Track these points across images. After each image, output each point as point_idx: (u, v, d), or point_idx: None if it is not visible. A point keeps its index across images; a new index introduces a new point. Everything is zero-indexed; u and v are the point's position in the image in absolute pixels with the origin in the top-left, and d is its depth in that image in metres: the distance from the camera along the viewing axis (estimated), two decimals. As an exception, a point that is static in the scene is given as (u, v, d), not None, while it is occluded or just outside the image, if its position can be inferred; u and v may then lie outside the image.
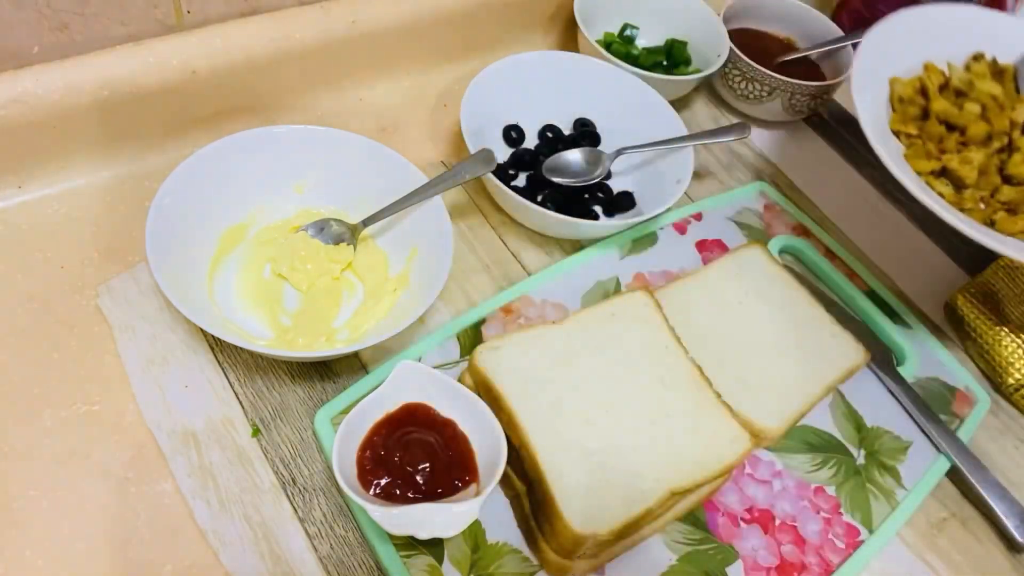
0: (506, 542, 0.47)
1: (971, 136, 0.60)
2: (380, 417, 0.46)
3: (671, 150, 0.66)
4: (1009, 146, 0.60)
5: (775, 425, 0.53)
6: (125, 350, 0.52)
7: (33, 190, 0.57)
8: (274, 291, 0.55)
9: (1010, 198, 0.58)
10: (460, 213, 0.64)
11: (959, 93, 0.64)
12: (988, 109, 0.61)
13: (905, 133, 0.62)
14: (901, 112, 0.63)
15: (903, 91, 0.63)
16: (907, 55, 0.65)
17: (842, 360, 0.58)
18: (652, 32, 0.82)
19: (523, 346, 0.51)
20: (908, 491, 0.54)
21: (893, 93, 0.63)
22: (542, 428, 0.48)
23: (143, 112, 0.59)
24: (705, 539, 0.50)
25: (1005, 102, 0.62)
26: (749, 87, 0.77)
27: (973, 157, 0.59)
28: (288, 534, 0.47)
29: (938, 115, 0.62)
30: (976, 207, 0.58)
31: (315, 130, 0.58)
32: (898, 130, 0.62)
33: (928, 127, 0.61)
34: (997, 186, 0.59)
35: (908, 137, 0.61)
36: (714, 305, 0.59)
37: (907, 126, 0.62)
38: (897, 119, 0.62)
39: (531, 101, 0.69)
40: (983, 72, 0.65)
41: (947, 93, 0.64)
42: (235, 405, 0.51)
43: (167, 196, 0.51)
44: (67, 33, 0.55)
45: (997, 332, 0.63)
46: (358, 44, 0.67)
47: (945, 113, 0.62)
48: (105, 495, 0.46)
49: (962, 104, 0.62)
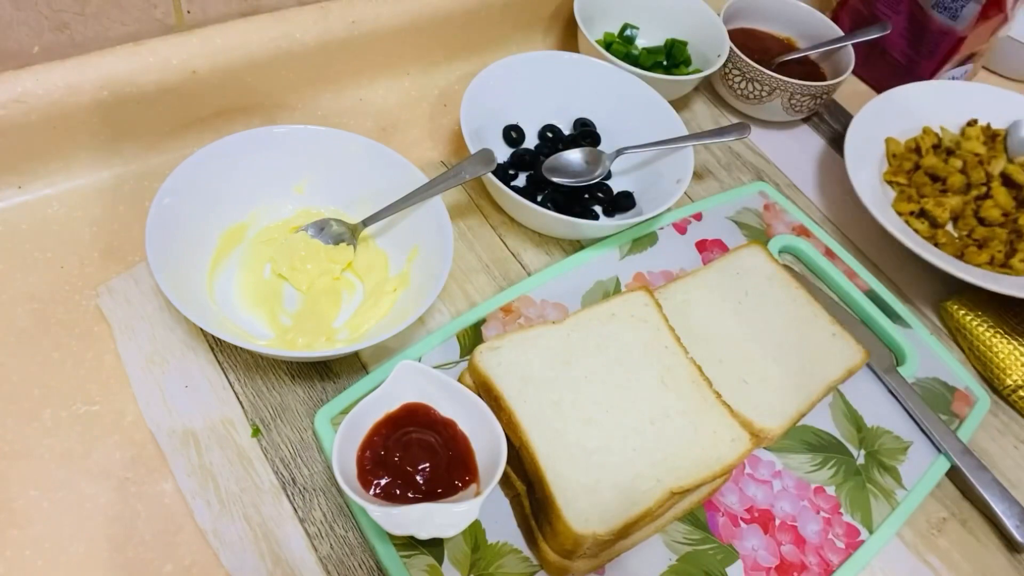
0: (506, 542, 0.47)
1: (950, 185, 0.72)
2: (380, 417, 0.46)
3: (671, 150, 0.66)
4: (987, 194, 0.72)
5: (775, 425, 0.53)
6: (125, 350, 0.52)
7: (33, 190, 0.57)
8: (274, 291, 0.55)
9: (982, 235, 0.69)
10: (460, 213, 0.64)
11: (949, 152, 0.75)
12: (968, 164, 0.73)
13: (896, 182, 0.74)
14: (895, 166, 0.75)
15: (897, 149, 0.75)
16: (901, 120, 0.77)
17: (842, 360, 0.58)
18: (652, 32, 0.82)
19: (523, 346, 0.51)
20: (908, 491, 0.54)
21: (888, 150, 0.75)
22: (542, 428, 0.48)
23: (143, 112, 0.59)
24: (705, 539, 0.50)
25: (986, 158, 0.74)
26: (749, 87, 0.77)
27: (947, 202, 0.70)
28: (288, 534, 0.47)
29: (926, 169, 0.73)
30: (951, 241, 0.69)
31: (315, 130, 0.58)
32: (890, 180, 0.74)
33: (916, 178, 0.73)
34: (973, 227, 0.70)
35: (899, 186, 0.73)
36: (714, 305, 0.59)
37: (898, 177, 0.74)
38: (890, 171, 0.74)
39: (531, 101, 0.69)
40: (976, 134, 0.76)
41: (939, 152, 0.75)
42: (235, 405, 0.51)
43: (167, 196, 0.51)
44: (67, 33, 0.55)
45: (992, 336, 0.64)
46: (358, 44, 0.67)
47: (933, 167, 0.73)
48: (105, 495, 0.46)
49: (946, 159, 0.74)
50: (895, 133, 0.76)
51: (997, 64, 0.97)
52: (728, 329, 0.58)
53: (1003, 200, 0.70)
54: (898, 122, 0.77)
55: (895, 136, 0.76)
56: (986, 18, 0.80)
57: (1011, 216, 0.70)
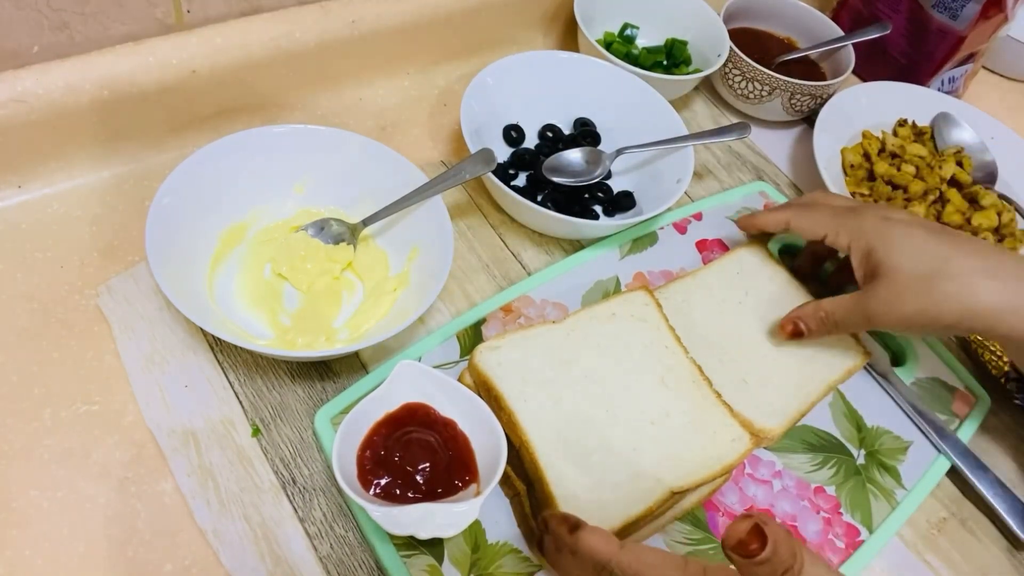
0: (506, 542, 0.47)
1: (912, 193, 0.72)
2: (380, 417, 0.46)
3: (671, 150, 0.66)
4: (940, 198, 0.72)
5: (775, 425, 0.53)
6: (125, 350, 0.52)
7: (33, 189, 0.57)
8: (274, 291, 0.55)
9: None
10: (460, 213, 0.64)
11: (894, 155, 0.75)
12: (920, 169, 0.73)
13: (859, 193, 0.73)
14: (853, 176, 0.74)
15: (852, 158, 0.75)
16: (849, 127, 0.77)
17: (842, 360, 0.58)
18: (652, 32, 0.82)
19: (523, 346, 0.51)
20: (908, 491, 0.54)
21: (844, 160, 0.75)
22: (542, 428, 0.48)
23: (143, 112, 0.59)
24: (705, 539, 0.50)
25: (932, 162, 0.74)
26: (749, 87, 0.77)
27: (915, 210, 0.70)
28: (288, 534, 0.47)
29: (882, 176, 0.73)
30: None
31: (315, 130, 0.57)
32: (854, 191, 0.73)
33: (877, 187, 0.73)
34: None
35: (863, 197, 0.73)
36: (714, 305, 0.59)
37: (860, 187, 0.73)
38: (851, 182, 0.74)
39: (531, 101, 0.69)
40: (907, 135, 0.77)
41: (884, 156, 0.75)
42: (235, 405, 0.51)
43: (167, 196, 0.51)
44: (67, 33, 0.55)
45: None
46: (358, 44, 0.67)
47: (888, 174, 0.73)
48: (105, 495, 0.46)
49: (899, 165, 0.74)
50: (845, 141, 0.77)
51: (997, 64, 0.97)
52: (728, 329, 0.58)
53: (958, 202, 0.72)
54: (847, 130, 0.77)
55: (846, 144, 0.76)
56: (986, 18, 0.80)
57: (967, 215, 0.71)
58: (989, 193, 0.72)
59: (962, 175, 0.73)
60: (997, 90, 0.96)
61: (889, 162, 0.74)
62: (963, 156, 0.75)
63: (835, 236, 0.55)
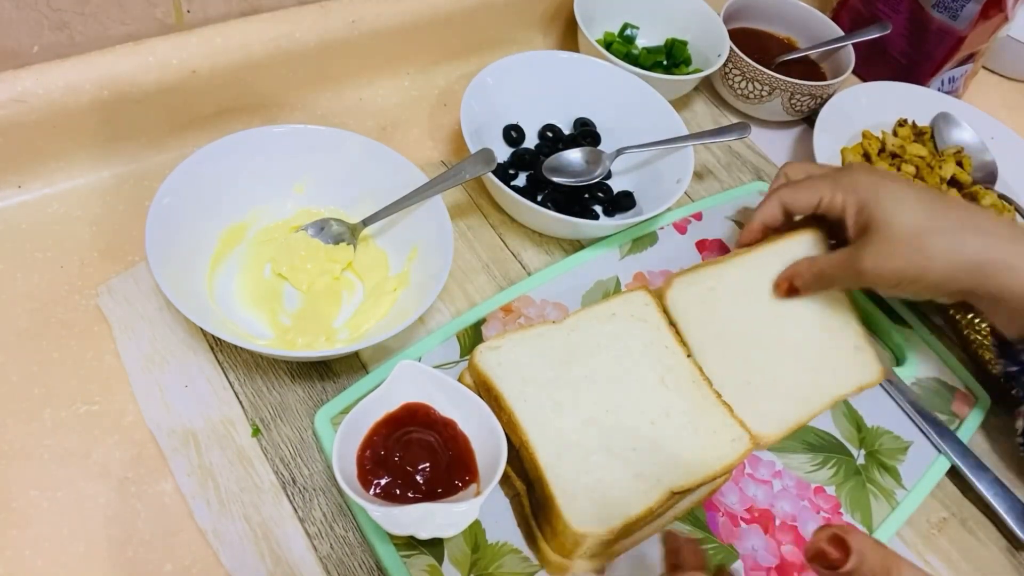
0: (506, 542, 0.47)
1: None
2: (380, 417, 0.46)
3: (671, 150, 0.66)
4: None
5: (770, 432, 0.52)
6: (125, 350, 0.52)
7: (33, 189, 0.57)
8: (274, 291, 0.55)
9: None
10: (460, 213, 0.64)
11: (894, 155, 0.75)
12: (921, 169, 0.73)
13: None
14: None
15: (852, 158, 0.74)
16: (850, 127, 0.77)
17: (857, 376, 0.55)
18: (652, 32, 0.82)
19: (523, 346, 0.51)
20: (908, 491, 0.54)
21: (844, 160, 0.74)
22: (542, 428, 0.48)
23: (143, 112, 0.59)
24: (705, 539, 0.50)
25: (933, 162, 0.74)
26: (749, 87, 0.77)
27: None
28: (288, 534, 0.46)
29: None
30: None
31: (315, 130, 0.57)
32: None
33: None
34: None
35: None
36: (741, 296, 0.56)
37: None
38: None
39: (531, 101, 0.69)
40: (907, 135, 0.77)
41: (884, 156, 0.75)
42: (235, 405, 0.51)
43: (167, 196, 0.51)
44: (67, 33, 0.55)
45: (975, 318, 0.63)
46: (358, 44, 0.67)
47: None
48: (105, 495, 0.46)
49: (899, 165, 0.73)
50: (845, 141, 0.76)
51: (997, 64, 0.97)
52: (750, 325, 0.55)
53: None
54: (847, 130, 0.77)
55: (846, 144, 0.76)
56: (986, 18, 0.80)
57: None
58: (989, 193, 0.72)
59: (962, 175, 0.73)
60: (997, 90, 0.96)
61: (889, 162, 0.74)
62: (963, 156, 0.75)
63: (831, 197, 0.54)
